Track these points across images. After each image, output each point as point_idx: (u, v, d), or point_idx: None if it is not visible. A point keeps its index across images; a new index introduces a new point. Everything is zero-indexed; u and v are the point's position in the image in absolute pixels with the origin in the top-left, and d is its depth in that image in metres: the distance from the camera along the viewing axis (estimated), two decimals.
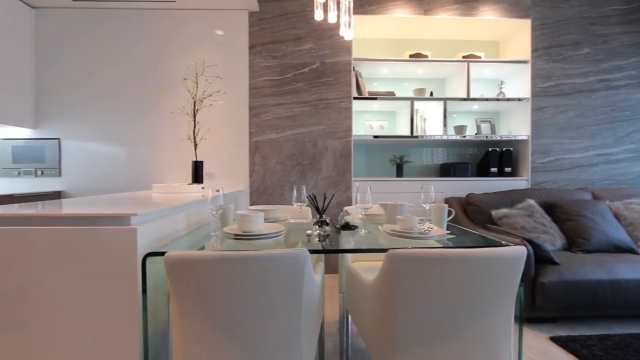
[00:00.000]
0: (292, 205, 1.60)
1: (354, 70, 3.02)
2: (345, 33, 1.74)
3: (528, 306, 2.02)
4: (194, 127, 2.33)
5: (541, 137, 3.11)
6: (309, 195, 1.53)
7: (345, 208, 1.78)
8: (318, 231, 1.39)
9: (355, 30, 3.12)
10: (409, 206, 1.56)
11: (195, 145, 2.35)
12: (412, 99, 2.98)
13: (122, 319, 1.03)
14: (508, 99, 3.07)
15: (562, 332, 1.97)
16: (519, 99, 3.07)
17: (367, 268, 1.56)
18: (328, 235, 1.38)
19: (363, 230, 1.44)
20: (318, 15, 1.68)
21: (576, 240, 2.36)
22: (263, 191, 2.98)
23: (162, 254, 0.91)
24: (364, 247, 1.19)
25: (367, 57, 2.99)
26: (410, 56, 3.04)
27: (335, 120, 2.99)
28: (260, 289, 0.89)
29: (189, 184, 2.26)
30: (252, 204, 2.98)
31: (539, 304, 1.97)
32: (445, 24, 3.09)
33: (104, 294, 1.03)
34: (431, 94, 3.14)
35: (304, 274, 0.91)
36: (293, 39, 2.97)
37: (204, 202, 1.65)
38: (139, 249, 1.03)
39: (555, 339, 1.86)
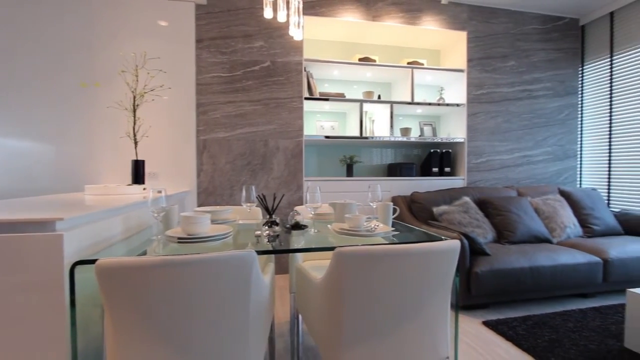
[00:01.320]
0: (242, 206, 1.57)
1: (305, 70, 3.04)
2: (295, 33, 1.75)
3: (464, 294, 2.20)
4: (134, 123, 2.17)
5: (475, 140, 3.42)
6: (259, 196, 1.51)
7: (296, 208, 1.79)
8: (267, 232, 1.38)
9: (306, 31, 3.15)
10: (357, 205, 1.61)
11: (136, 143, 2.19)
12: (361, 101, 3.08)
13: (48, 335, 0.93)
14: (447, 104, 3.32)
15: (493, 316, 2.18)
16: (457, 105, 3.33)
17: (317, 267, 1.58)
18: (278, 235, 1.37)
19: (313, 230, 1.46)
20: (267, 13, 1.66)
21: (504, 233, 2.63)
22: (212, 192, 2.87)
23: (93, 261, 0.84)
24: (313, 246, 1.21)
25: (318, 59, 3.02)
26: (360, 60, 3.14)
27: (287, 119, 2.98)
28: (206, 293, 0.86)
29: (129, 184, 2.10)
30: (199, 205, 2.85)
31: (474, 292, 2.17)
32: (392, 31, 3.25)
33: (26, 309, 0.92)
34: (379, 97, 3.27)
35: (251, 275, 0.90)
36: (243, 36, 2.91)
37: (145, 204, 1.55)
38: (66, 258, 0.93)
39: (486, 323, 2.06)
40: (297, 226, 1.47)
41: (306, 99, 3.01)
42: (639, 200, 3.22)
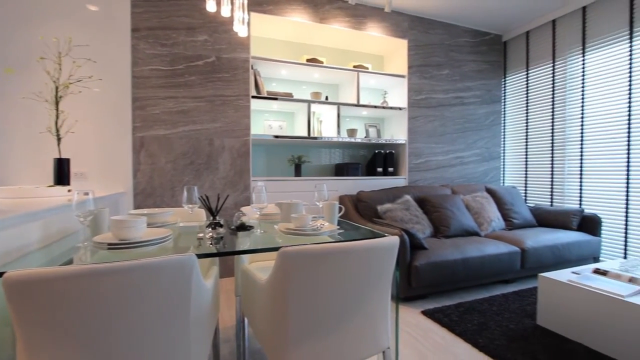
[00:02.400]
0: (183, 207, 1.49)
1: (252, 68, 2.98)
2: (240, 29, 1.71)
3: (405, 287, 2.34)
4: (57, 117, 1.94)
5: (415, 142, 3.65)
6: (202, 196, 1.45)
7: (242, 208, 1.75)
8: (211, 234, 1.33)
9: (254, 28, 3.09)
10: (304, 204, 1.63)
11: (59, 139, 1.96)
12: (309, 102, 3.11)
13: None
14: (391, 108, 3.50)
15: (431, 305, 2.35)
16: (400, 108, 3.53)
17: (263, 268, 1.56)
18: (222, 237, 1.33)
19: (259, 230, 1.44)
20: (210, 7, 1.60)
21: (440, 228, 2.85)
22: (150, 193, 2.68)
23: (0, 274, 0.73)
24: (258, 247, 1.19)
25: (266, 57, 2.99)
26: (307, 60, 3.17)
27: (233, 118, 2.90)
28: (141, 303, 0.81)
29: (50, 186, 1.88)
30: (136, 208, 2.64)
31: (414, 284, 2.31)
32: (339, 34, 3.33)
33: None
34: (326, 98, 3.33)
35: (191, 281, 0.86)
36: (186, 28, 2.76)
37: (69, 208, 1.40)
38: None
39: (425, 312, 2.21)
40: (243, 227, 1.44)
41: (254, 97, 2.95)
42: (548, 196, 3.71)
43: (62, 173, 1.94)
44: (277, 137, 3.02)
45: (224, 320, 2.11)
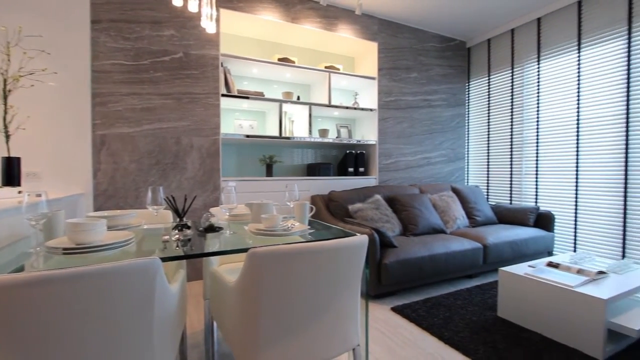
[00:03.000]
0: (148, 209, 1.43)
1: (222, 66, 2.92)
2: (208, 25, 1.66)
3: (375, 284, 2.39)
4: (5, 112, 1.79)
5: (385, 143, 3.74)
6: (167, 197, 1.39)
7: (211, 209, 1.71)
8: (177, 236, 1.29)
9: (224, 25, 3.02)
10: (275, 205, 1.62)
11: (7, 136, 1.82)
12: (280, 101, 3.09)
13: None
14: (362, 109, 3.56)
15: (400, 301, 2.41)
16: (370, 110, 3.60)
17: (234, 270, 1.54)
18: (189, 239, 1.29)
19: (228, 232, 1.41)
20: (177, 1, 1.54)
21: (409, 226, 2.94)
22: (112, 194, 2.54)
23: None
24: (226, 249, 1.17)
25: (237, 55, 2.93)
26: (279, 60, 3.15)
27: (202, 116, 2.82)
28: (100, 310, 0.76)
29: None
30: (97, 210, 2.50)
31: (384, 281, 2.37)
32: (311, 34, 3.33)
33: None
34: (298, 98, 3.33)
35: (154, 286, 0.83)
36: (151, 22, 2.64)
37: (19, 211, 1.30)
38: None
39: (394, 309, 2.27)
40: (211, 229, 1.40)
41: (224, 95, 2.89)
42: (508, 195, 3.94)
43: (11, 173, 1.79)
44: (248, 136, 2.97)
45: (193, 324, 2.05)
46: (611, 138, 3.03)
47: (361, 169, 3.57)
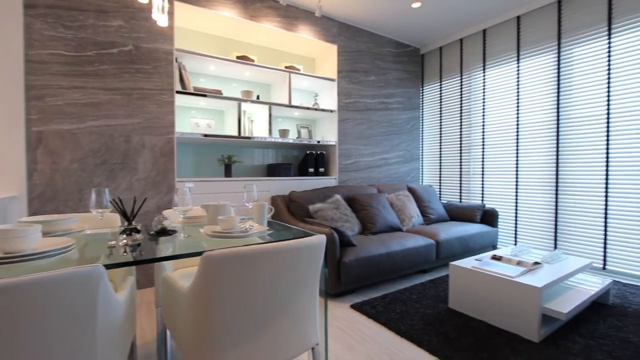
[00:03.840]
0: (91, 212, 1.33)
1: (176, 61, 2.79)
2: (159, 18, 1.58)
3: (335, 283, 2.43)
4: None
5: (345, 144, 3.81)
6: (114, 200, 1.30)
7: (163, 212, 1.62)
8: (125, 240, 1.21)
9: (179, 18, 2.90)
10: (233, 206, 1.58)
11: None
12: (239, 100, 3.02)
13: None
14: (322, 110, 3.59)
15: (359, 299, 2.47)
16: (331, 111, 3.64)
17: (189, 275, 1.48)
18: (139, 244, 1.22)
19: (182, 235, 1.35)
20: None
21: (367, 225, 3.02)
22: (51, 197, 2.32)
23: None
24: (179, 253, 1.12)
25: (193, 51, 2.81)
26: (238, 58, 3.08)
27: (155, 114, 2.67)
28: (37, 323, 0.69)
29: None
30: (32, 214, 2.27)
31: (343, 279, 2.41)
32: (271, 33, 3.30)
33: None
34: (258, 97, 3.28)
35: (97, 295, 0.77)
36: (96, 11, 2.45)
37: None
38: None
39: (354, 306, 2.32)
40: (164, 232, 1.33)
41: (179, 92, 2.76)
42: (458, 193, 4.21)
43: None
44: (206, 135, 2.87)
45: (145, 334, 1.94)
46: (545, 142, 3.37)
47: (321, 170, 3.60)
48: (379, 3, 3.40)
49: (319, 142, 3.56)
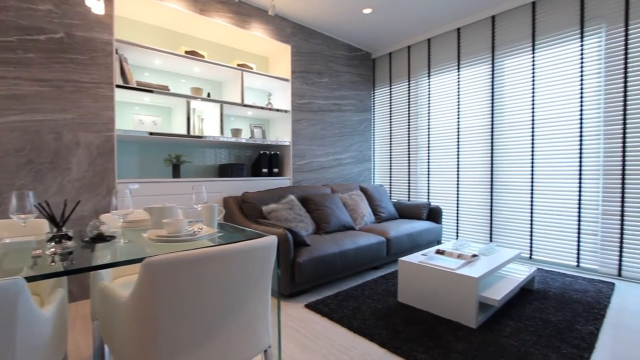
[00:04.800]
0: (12, 218, 1.18)
1: (117, 53, 2.58)
2: (93, 5, 1.46)
3: (289, 283, 2.43)
4: None
5: (299, 144, 3.82)
6: (40, 204, 1.17)
7: (101, 216, 1.50)
8: (54, 249, 1.09)
9: (119, 7, 2.69)
10: (180, 208, 1.51)
11: None
12: (188, 97, 2.89)
13: None
14: (277, 110, 3.56)
15: (313, 298, 2.49)
16: (285, 111, 3.62)
17: (130, 284, 1.38)
18: (71, 252, 1.11)
19: (122, 240, 1.26)
20: None
21: (321, 224, 3.06)
22: None
23: None
24: (118, 260, 1.04)
25: (136, 43, 2.62)
26: (186, 52, 2.93)
27: (91, 109, 2.45)
28: None
29: None
30: None
31: (297, 280, 2.41)
32: (222, 30, 3.19)
33: None
34: (208, 94, 3.16)
35: (15, 311, 0.69)
36: None
37: None
38: None
39: (308, 306, 2.33)
40: (101, 238, 1.23)
41: (119, 87, 2.56)
42: (406, 192, 4.44)
43: None
44: (152, 134, 2.69)
45: (79, 351, 1.76)
46: (481, 144, 3.68)
47: (275, 170, 3.57)
48: (332, 6, 3.46)
49: (272, 142, 3.53)
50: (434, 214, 3.84)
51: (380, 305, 2.32)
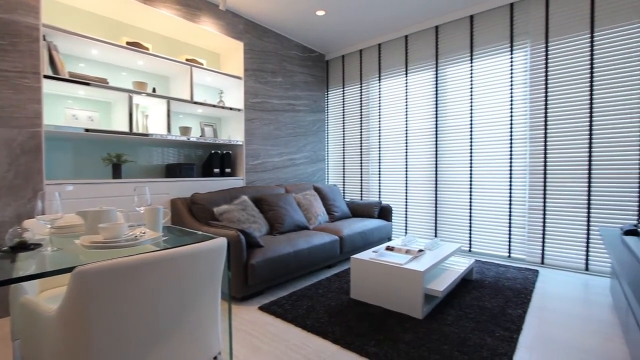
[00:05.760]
0: None
1: (44, 39, 2.32)
2: None
3: (242, 286, 2.37)
4: None
5: (252, 144, 3.75)
6: None
7: (25, 222, 1.34)
8: None
9: None
10: (120, 211, 1.40)
11: None
12: (131, 92, 2.69)
13: None
14: (230, 108, 3.45)
15: (267, 300, 2.46)
16: (238, 110, 3.53)
17: (60, 296, 1.25)
18: None
19: (49, 248, 1.13)
20: None
21: (275, 225, 3.04)
22: None
23: None
24: (44, 271, 0.94)
25: (68, 29, 2.38)
26: (128, 43, 2.73)
27: (12, 101, 2.17)
28: None
29: None
30: None
31: (250, 282, 2.37)
32: (169, 22, 3.02)
33: None
34: (154, 90, 2.97)
35: None
36: None
37: None
38: None
39: (261, 308, 2.30)
40: (23, 246, 1.10)
41: (48, 77, 2.30)
42: (359, 192, 4.57)
43: None
44: (88, 130, 2.46)
45: None
46: (427, 146, 3.92)
47: (228, 170, 3.47)
48: (285, 6, 3.45)
49: (224, 141, 3.42)
50: (385, 212, 4.01)
51: (333, 302, 2.36)
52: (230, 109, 3.46)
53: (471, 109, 3.59)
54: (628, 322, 1.76)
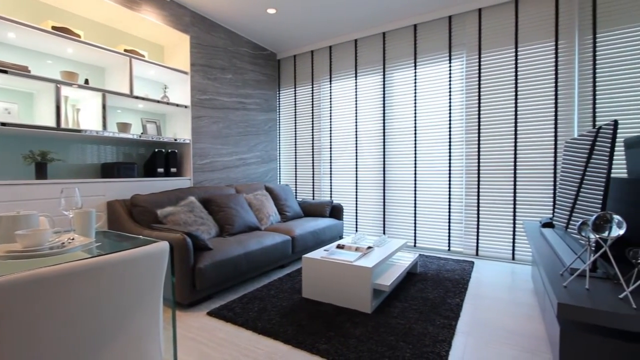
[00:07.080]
0: None
1: None
2: None
3: (189, 291, 2.26)
4: None
5: (200, 142, 3.59)
6: None
7: None
8: None
9: None
10: (44, 216, 1.25)
11: None
12: (58, 82, 2.42)
13: None
14: (176, 105, 3.26)
15: (216, 304, 2.37)
16: (184, 106, 3.35)
17: None
18: None
19: None
20: None
21: (225, 226, 2.94)
22: None
23: None
24: None
25: None
26: (54, 28, 2.45)
27: None
28: None
29: None
30: None
31: (198, 287, 2.27)
32: (105, 8, 2.77)
33: None
34: (86, 81, 2.70)
35: None
36: None
37: None
38: None
39: (210, 313, 2.21)
40: None
41: None
42: (311, 191, 4.61)
43: None
44: (4, 124, 2.16)
45: None
46: (375, 147, 4.09)
47: (173, 170, 3.28)
48: (235, 0, 3.35)
49: (169, 139, 3.22)
50: (336, 211, 4.09)
51: (285, 303, 2.35)
52: (177, 105, 3.27)
53: (415, 113, 3.81)
54: (545, 304, 2.01)
